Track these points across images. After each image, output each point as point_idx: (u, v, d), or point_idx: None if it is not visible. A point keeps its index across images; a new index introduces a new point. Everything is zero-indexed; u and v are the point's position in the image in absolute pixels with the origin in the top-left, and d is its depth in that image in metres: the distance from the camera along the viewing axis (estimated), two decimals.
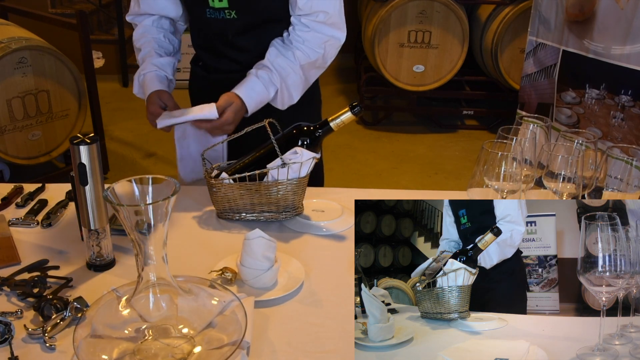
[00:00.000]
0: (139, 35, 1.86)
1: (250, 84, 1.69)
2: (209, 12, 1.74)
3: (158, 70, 1.79)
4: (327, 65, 1.80)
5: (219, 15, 1.73)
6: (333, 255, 1.43)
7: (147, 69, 1.79)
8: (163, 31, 1.86)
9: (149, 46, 1.83)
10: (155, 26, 1.86)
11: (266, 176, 1.50)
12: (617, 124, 2.53)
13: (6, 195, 1.64)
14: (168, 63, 1.83)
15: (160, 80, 1.77)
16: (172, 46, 1.88)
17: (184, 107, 1.71)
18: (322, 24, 1.70)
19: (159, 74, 1.79)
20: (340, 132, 1.65)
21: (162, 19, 1.87)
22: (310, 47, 1.72)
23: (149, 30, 1.85)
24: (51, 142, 3.53)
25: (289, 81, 1.72)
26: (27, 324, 1.16)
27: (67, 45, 3.93)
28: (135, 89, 1.84)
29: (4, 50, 3.14)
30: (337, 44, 1.76)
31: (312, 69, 1.76)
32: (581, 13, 2.61)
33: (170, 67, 1.84)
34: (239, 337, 1.05)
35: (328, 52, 1.75)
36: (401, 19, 4.39)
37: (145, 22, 1.86)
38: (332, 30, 1.72)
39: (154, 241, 1.04)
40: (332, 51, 1.76)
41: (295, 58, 1.71)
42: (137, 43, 1.86)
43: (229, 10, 1.71)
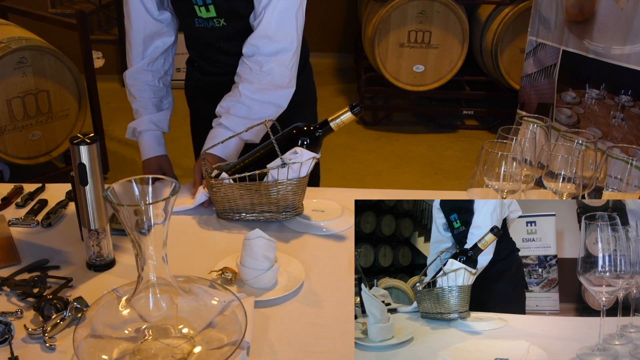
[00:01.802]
0: (132, 77, 1.85)
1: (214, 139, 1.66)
2: (197, 22, 1.73)
3: (156, 129, 1.84)
4: (283, 83, 1.71)
5: (208, 24, 1.72)
6: (333, 255, 1.43)
7: (144, 126, 1.83)
8: (156, 75, 1.86)
9: (144, 95, 1.84)
10: (149, 69, 1.84)
11: (266, 176, 1.50)
12: (617, 124, 2.53)
13: (6, 195, 1.64)
14: (164, 117, 1.87)
15: (159, 141, 1.84)
16: (165, 88, 1.89)
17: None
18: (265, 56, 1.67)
19: (157, 134, 1.84)
20: (340, 132, 1.65)
21: (152, 53, 1.83)
22: (254, 75, 1.68)
23: (142, 76, 1.84)
24: (51, 142, 3.53)
25: (240, 113, 1.68)
26: (27, 324, 1.16)
27: (67, 45, 3.93)
28: (128, 134, 1.87)
29: (4, 50, 3.14)
30: (283, 60, 1.68)
31: (265, 92, 1.69)
32: (581, 13, 2.61)
33: (166, 122, 1.88)
34: (239, 337, 1.05)
35: (276, 72, 1.68)
36: (401, 19, 4.39)
37: (139, 64, 1.83)
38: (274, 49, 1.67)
39: (154, 241, 1.04)
40: (279, 69, 1.68)
41: (239, 92, 1.68)
42: (132, 88, 1.86)
43: (217, 19, 1.71)
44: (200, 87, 1.91)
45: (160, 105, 1.87)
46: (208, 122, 1.85)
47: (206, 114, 1.91)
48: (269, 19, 1.63)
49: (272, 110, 1.69)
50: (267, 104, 1.69)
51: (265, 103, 1.69)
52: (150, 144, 1.84)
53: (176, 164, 1.92)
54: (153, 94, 1.85)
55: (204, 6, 1.68)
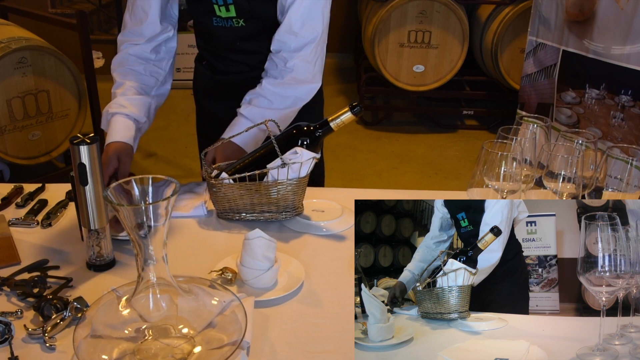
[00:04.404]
0: (116, 63, 1.75)
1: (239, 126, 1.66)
2: (215, 21, 1.73)
3: (128, 113, 1.64)
4: (306, 79, 1.72)
5: (227, 23, 1.72)
6: (333, 255, 1.43)
7: (114, 109, 1.65)
8: (143, 63, 1.75)
9: (125, 78, 1.72)
10: (137, 55, 1.74)
11: (266, 176, 1.50)
12: (617, 124, 2.53)
13: (6, 195, 1.64)
14: (143, 103, 1.69)
15: (127, 127, 1.63)
16: (154, 78, 1.76)
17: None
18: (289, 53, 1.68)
19: (126, 119, 1.64)
20: (340, 132, 1.65)
21: (147, 46, 1.75)
22: (278, 71, 1.69)
23: (127, 59, 1.74)
24: (51, 142, 3.53)
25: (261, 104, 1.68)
26: (27, 324, 1.16)
27: (67, 45, 3.93)
28: (102, 124, 1.69)
29: (4, 50, 3.14)
30: (306, 56, 1.69)
31: (288, 87, 1.70)
32: (581, 13, 2.61)
33: (144, 108, 1.69)
34: (239, 337, 1.05)
35: (299, 68, 1.69)
36: (401, 19, 4.39)
37: (129, 49, 1.74)
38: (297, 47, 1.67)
39: (154, 241, 1.04)
40: (302, 65, 1.69)
41: (262, 85, 1.69)
42: (114, 72, 1.75)
43: (236, 19, 1.70)
44: (210, 85, 1.90)
45: (141, 91, 1.72)
46: (215, 121, 1.85)
47: (213, 113, 1.91)
48: (295, 14, 1.64)
49: (293, 104, 1.72)
50: (288, 98, 1.71)
51: (287, 97, 1.71)
52: (116, 127, 1.62)
53: (176, 163, 1.91)
54: (135, 78, 1.71)
55: (224, 5, 1.68)
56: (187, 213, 1.58)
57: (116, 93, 1.71)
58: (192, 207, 1.59)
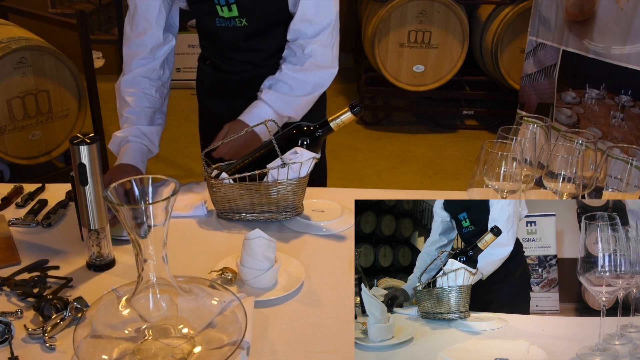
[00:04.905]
0: (127, 83, 1.77)
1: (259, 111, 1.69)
2: (218, 22, 1.73)
3: (146, 144, 1.72)
4: (325, 64, 1.74)
5: (230, 23, 1.72)
6: (333, 255, 1.43)
7: (133, 137, 1.71)
8: (155, 84, 1.78)
9: (139, 106, 1.74)
10: (149, 78, 1.77)
11: (266, 176, 1.50)
12: (617, 124, 2.53)
13: (6, 195, 1.64)
14: (156, 132, 1.76)
15: (142, 158, 1.69)
16: (160, 99, 1.80)
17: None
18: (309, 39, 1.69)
19: (144, 149, 1.72)
20: (340, 132, 1.65)
21: (155, 63, 1.78)
22: (297, 58, 1.71)
23: (140, 83, 1.76)
24: (51, 142, 3.53)
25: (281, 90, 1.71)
26: (27, 324, 1.16)
27: (67, 45, 3.93)
28: (112, 146, 1.73)
29: (4, 50, 3.14)
30: (323, 41, 1.72)
31: (308, 73, 1.73)
32: (581, 13, 2.61)
33: (157, 137, 1.78)
34: (239, 337, 1.05)
35: (318, 53, 1.71)
36: (401, 19, 4.39)
37: (140, 70, 1.76)
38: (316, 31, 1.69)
39: (154, 241, 1.04)
40: (321, 50, 1.72)
41: (282, 71, 1.71)
42: (124, 93, 1.77)
43: (239, 19, 1.71)
44: (213, 85, 1.90)
45: (153, 118, 1.78)
46: (217, 120, 1.85)
47: (217, 112, 1.91)
48: (307, 3, 1.66)
49: (314, 90, 1.74)
50: (308, 84, 1.73)
51: (307, 83, 1.73)
52: (134, 154, 1.68)
53: (176, 163, 1.91)
54: (149, 103, 1.76)
55: (226, 5, 1.68)
56: (187, 213, 1.58)
57: (130, 120, 1.73)
58: (192, 207, 1.59)
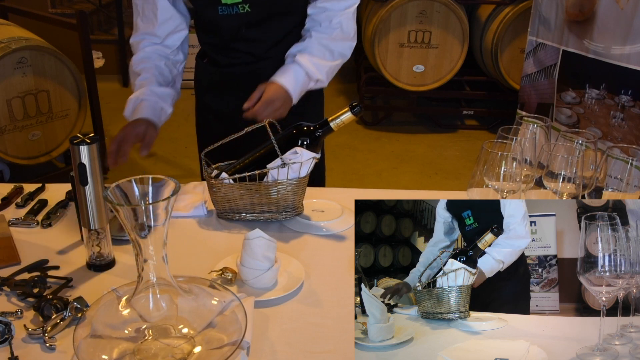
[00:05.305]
0: (138, 59, 1.78)
1: (294, 74, 1.72)
2: (221, 10, 1.73)
3: (158, 100, 1.71)
4: (349, 36, 1.80)
5: (232, 10, 1.73)
6: (333, 255, 1.43)
7: (146, 95, 1.70)
8: (164, 59, 1.79)
9: (149, 72, 1.75)
10: (158, 53, 1.78)
11: (266, 176, 1.50)
12: (617, 124, 2.53)
13: (6, 195, 1.64)
14: (168, 94, 1.76)
15: (155, 111, 1.69)
16: (171, 75, 1.80)
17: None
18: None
19: (157, 106, 1.71)
20: (340, 132, 1.65)
21: (164, 46, 1.80)
22: (324, 28, 1.76)
23: (150, 56, 1.77)
24: (51, 142, 3.53)
25: (312, 52, 1.75)
26: (27, 324, 1.16)
27: (67, 45, 3.93)
28: (127, 112, 1.72)
29: (4, 50, 3.14)
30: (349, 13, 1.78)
31: (334, 42, 1.78)
32: (581, 13, 2.61)
33: (170, 99, 1.76)
34: (239, 337, 1.05)
35: (344, 24, 1.77)
36: (401, 19, 4.39)
37: (147, 48, 1.78)
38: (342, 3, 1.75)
39: (154, 241, 1.04)
40: (347, 22, 1.78)
41: (310, 38, 1.75)
42: (136, 67, 1.77)
43: (242, 5, 1.71)
44: (214, 80, 1.90)
45: (165, 84, 1.77)
46: (216, 117, 1.85)
47: (216, 109, 1.91)
48: None
49: (339, 58, 1.79)
50: (334, 52, 1.78)
51: (333, 52, 1.77)
52: (147, 110, 1.68)
53: (176, 163, 1.91)
54: (159, 72, 1.76)
55: None
56: (187, 213, 1.58)
57: (143, 84, 1.74)
58: (192, 207, 1.59)
